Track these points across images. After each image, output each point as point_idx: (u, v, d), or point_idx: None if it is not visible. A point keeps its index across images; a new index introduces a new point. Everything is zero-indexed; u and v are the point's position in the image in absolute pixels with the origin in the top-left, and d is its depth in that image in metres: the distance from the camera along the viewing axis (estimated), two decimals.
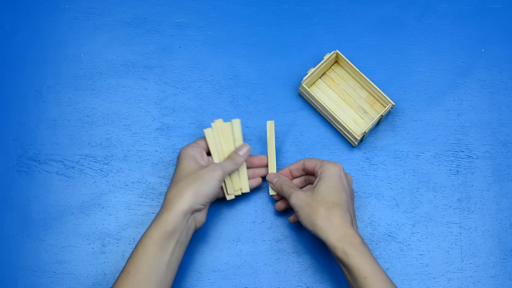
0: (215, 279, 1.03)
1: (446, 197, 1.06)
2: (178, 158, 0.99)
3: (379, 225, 1.05)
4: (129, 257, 0.92)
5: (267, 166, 1.05)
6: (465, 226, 1.05)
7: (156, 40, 1.12)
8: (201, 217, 0.97)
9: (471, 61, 1.11)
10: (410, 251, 1.04)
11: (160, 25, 1.13)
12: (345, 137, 1.07)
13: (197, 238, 1.04)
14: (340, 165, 0.97)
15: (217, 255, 1.04)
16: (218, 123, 1.03)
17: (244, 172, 1.03)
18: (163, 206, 0.94)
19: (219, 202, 1.05)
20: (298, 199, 0.96)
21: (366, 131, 1.04)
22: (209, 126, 1.07)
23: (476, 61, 1.11)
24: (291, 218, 1.03)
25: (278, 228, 1.05)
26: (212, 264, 1.04)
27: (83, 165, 1.07)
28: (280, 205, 1.04)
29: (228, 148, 1.02)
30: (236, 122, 1.03)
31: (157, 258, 0.91)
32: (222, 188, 1.02)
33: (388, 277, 0.91)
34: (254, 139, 1.08)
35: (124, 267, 0.92)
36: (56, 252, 1.04)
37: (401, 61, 1.11)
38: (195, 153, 0.99)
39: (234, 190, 1.03)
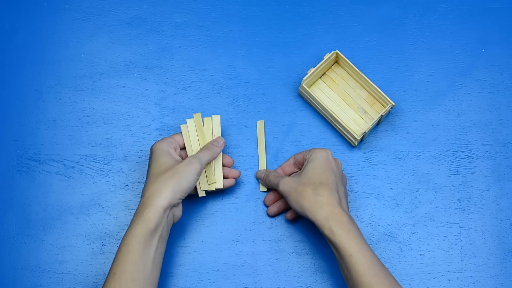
0: (215, 279, 1.03)
1: (446, 197, 1.06)
2: (152, 153, 0.98)
3: (379, 225, 1.05)
4: (114, 258, 0.92)
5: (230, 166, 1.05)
6: (465, 226, 1.05)
7: (156, 40, 1.12)
8: (178, 212, 0.97)
9: (471, 61, 1.11)
10: (410, 251, 1.04)
11: (160, 25, 1.13)
12: (345, 137, 1.07)
13: (197, 238, 1.04)
14: (328, 150, 0.98)
15: (217, 255, 1.04)
16: (196, 118, 1.03)
17: (219, 167, 1.02)
18: (143, 203, 0.93)
19: (219, 202, 1.05)
20: (286, 185, 0.97)
21: (366, 131, 1.04)
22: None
23: (476, 61, 1.11)
24: (288, 215, 1.04)
25: (278, 228, 1.05)
26: (212, 264, 1.04)
27: (83, 165, 1.07)
28: (272, 209, 1.04)
29: (205, 143, 1.03)
30: (216, 118, 1.03)
31: (142, 256, 0.91)
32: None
33: (375, 255, 0.91)
34: (254, 139, 1.08)
35: (110, 269, 0.92)
36: (56, 252, 1.04)
37: (401, 61, 1.11)
38: (169, 148, 0.98)
39: (208, 185, 1.02)
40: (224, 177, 1.03)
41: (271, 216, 1.05)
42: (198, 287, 1.03)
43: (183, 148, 1.03)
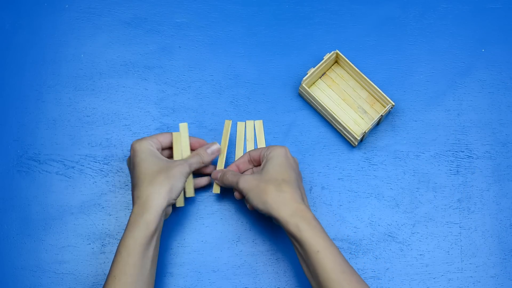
0: (215, 279, 1.03)
1: (446, 197, 1.06)
2: (138, 153, 0.96)
3: (379, 225, 1.05)
4: (113, 261, 0.91)
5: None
6: (465, 226, 1.05)
7: (156, 40, 1.12)
8: (169, 209, 0.98)
9: (471, 61, 1.11)
10: (410, 251, 1.04)
11: (160, 25, 1.13)
12: (345, 137, 1.07)
13: (197, 238, 1.04)
14: (286, 147, 0.98)
15: (217, 255, 1.04)
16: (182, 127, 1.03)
17: (190, 176, 1.02)
18: (140, 205, 0.92)
19: (219, 202, 1.05)
20: (246, 182, 0.96)
21: (366, 131, 1.04)
22: (210, 126, 1.07)
23: (476, 61, 1.11)
24: (237, 194, 1.00)
25: (278, 228, 1.05)
26: (212, 264, 1.04)
27: (83, 165, 1.07)
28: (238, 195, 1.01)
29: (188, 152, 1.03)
30: (183, 126, 1.02)
31: (143, 258, 0.91)
32: None
33: (340, 252, 0.90)
34: (255, 138, 1.08)
35: (109, 272, 0.91)
36: (56, 252, 1.04)
37: (401, 61, 1.11)
38: (153, 149, 0.98)
39: (186, 198, 1.02)
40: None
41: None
42: (198, 287, 1.03)
43: (166, 149, 1.02)
